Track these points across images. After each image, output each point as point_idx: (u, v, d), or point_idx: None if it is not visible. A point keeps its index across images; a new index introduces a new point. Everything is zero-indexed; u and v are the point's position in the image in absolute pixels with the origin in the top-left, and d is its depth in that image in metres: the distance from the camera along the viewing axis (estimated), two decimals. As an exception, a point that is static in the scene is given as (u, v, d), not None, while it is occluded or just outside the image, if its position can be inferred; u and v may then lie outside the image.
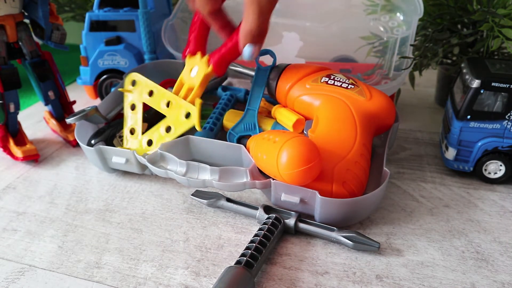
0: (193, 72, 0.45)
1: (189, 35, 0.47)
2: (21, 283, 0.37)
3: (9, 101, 0.54)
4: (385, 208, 0.45)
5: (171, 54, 0.66)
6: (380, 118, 0.46)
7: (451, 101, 0.51)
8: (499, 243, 0.40)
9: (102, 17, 0.66)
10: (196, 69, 0.44)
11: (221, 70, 0.45)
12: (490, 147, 0.47)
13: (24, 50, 0.55)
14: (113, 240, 0.41)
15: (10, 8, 0.51)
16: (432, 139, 0.60)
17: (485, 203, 0.46)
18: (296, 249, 0.40)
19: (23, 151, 0.54)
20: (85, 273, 0.37)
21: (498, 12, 0.53)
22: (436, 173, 0.51)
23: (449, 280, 0.36)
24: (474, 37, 0.58)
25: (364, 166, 0.42)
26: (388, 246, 0.40)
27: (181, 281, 0.36)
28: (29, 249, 0.41)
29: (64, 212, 0.46)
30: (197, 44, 0.46)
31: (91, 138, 0.52)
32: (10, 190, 0.50)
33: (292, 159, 0.37)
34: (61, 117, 0.61)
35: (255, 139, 0.44)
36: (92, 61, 0.67)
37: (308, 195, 0.40)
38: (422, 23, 0.63)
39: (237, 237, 0.41)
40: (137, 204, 0.46)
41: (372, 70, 0.61)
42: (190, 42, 0.46)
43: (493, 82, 0.44)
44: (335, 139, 0.42)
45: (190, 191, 0.48)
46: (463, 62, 0.51)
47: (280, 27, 0.65)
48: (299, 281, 0.36)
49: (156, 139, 0.49)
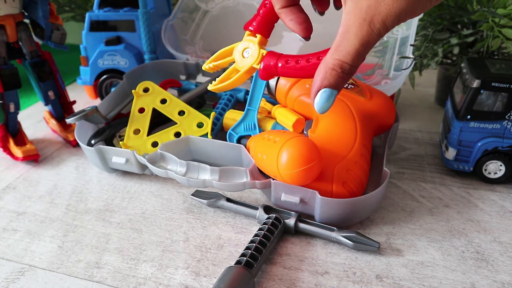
0: (246, 54, 0.39)
1: (260, 7, 0.39)
2: (21, 283, 0.37)
3: (9, 101, 0.54)
4: (385, 208, 0.45)
5: (171, 54, 0.66)
6: (380, 118, 0.46)
7: (451, 101, 0.51)
8: (499, 243, 0.40)
9: (102, 17, 0.66)
10: (248, 54, 0.39)
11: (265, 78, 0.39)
12: (490, 147, 0.47)
13: (24, 50, 0.55)
14: (113, 240, 0.41)
15: (10, 8, 0.51)
16: (432, 139, 0.60)
17: (485, 203, 0.46)
18: (296, 249, 0.40)
19: (23, 151, 0.54)
20: (85, 273, 0.37)
21: (498, 12, 0.53)
22: (436, 173, 0.51)
23: (449, 280, 0.36)
24: (474, 37, 0.58)
25: (364, 166, 0.42)
26: (388, 246, 0.40)
27: (181, 281, 0.36)
28: (29, 249, 0.41)
29: (64, 212, 0.46)
30: (262, 26, 0.39)
31: (91, 138, 0.52)
32: (10, 190, 0.50)
33: (293, 159, 0.37)
34: (61, 117, 0.61)
35: (255, 139, 0.44)
36: (92, 61, 0.67)
37: (308, 195, 0.40)
38: (422, 23, 0.63)
39: (237, 237, 0.41)
40: (137, 204, 0.46)
41: (372, 70, 0.61)
42: (256, 19, 0.39)
43: (493, 82, 0.44)
44: (335, 139, 0.42)
45: (190, 191, 0.48)
46: (463, 62, 0.51)
47: (280, 27, 0.65)
48: (299, 281, 0.36)
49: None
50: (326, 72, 0.31)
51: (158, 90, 0.53)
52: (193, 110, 0.52)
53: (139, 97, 0.53)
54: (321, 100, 0.32)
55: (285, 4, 0.35)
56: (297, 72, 0.36)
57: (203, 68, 0.42)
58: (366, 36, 0.29)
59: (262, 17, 0.38)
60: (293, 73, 0.36)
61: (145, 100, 0.52)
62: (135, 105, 0.52)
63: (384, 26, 0.29)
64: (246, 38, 0.39)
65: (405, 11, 0.29)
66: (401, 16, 0.29)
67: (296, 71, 0.36)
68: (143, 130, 0.50)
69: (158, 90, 0.53)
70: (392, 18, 0.29)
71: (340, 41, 0.30)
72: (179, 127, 0.50)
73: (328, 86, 0.31)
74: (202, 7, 0.73)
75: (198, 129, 0.50)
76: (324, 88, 0.31)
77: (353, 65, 0.31)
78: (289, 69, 0.36)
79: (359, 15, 0.29)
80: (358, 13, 0.29)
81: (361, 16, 0.29)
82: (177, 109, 0.52)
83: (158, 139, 0.50)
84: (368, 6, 0.29)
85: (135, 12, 0.66)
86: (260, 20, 0.38)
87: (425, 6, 0.29)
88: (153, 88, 0.53)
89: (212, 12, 0.73)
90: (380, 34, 0.30)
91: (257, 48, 0.38)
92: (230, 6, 0.72)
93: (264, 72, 0.37)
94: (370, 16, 0.29)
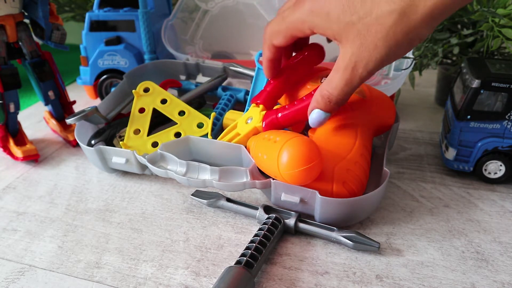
0: (248, 121, 0.46)
1: (267, 85, 0.46)
2: (21, 283, 0.37)
3: (9, 101, 0.54)
4: (385, 208, 0.45)
5: (171, 54, 0.66)
6: (380, 118, 0.46)
7: (451, 101, 0.51)
8: (499, 243, 0.40)
9: (102, 17, 0.66)
10: (251, 120, 0.45)
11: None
12: (490, 147, 0.47)
13: (24, 50, 0.55)
14: (113, 240, 0.41)
15: (10, 8, 0.51)
16: (432, 139, 0.60)
17: (485, 203, 0.46)
18: (296, 249, 0.40)
19: (23, 151, 0.54)
20: (85, 273, 0.37)
21: (498, 12, 0.53)
22: (436, 173, 0.51)
23: (449, 280, 0.36)
24: (474, 37, 0.58)
25: (364, 166, 0.42)
26: (388, 246, 0.40)
27: (181, 281, 0.36)
28: (29, 249, 0.41)
29: (64, 212, 0.46)
30: (267, 99, 0.45)
31: (91, 138, 0.52)
32: (10, 190, 0.50)
33: (293, 159, 0.37)
34: (61, 117, 0.61)
35: (255, 139, 0.44)
36: (92, 61, 0.67)
37: (308, 195, 0.40)
38: (422, 23, 0.63)
39: (237, 237, 0.41)
40: (137, 204, 0.46)
41: (372, 70, 0.61)
42: (263, 94, 0.45)
43: (493, 82, 0.44)
44: (335, 139, 0.42)
45: (190, 191, 0.48)
46: (463, 62, 0.51)
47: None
48: (299, 281, 0.36)
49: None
50: (318, 97, 0.38)
51: (158, 90, 0.53)
52: (193, 110, 0.52)
53: (139, 97, 0.53)
54: (313, 118, 0.39)
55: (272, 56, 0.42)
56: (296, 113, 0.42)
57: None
58: (350, 79, 0.35)
59: (268, 93, 0.45)
60: (292, 116, 0.42)
61: (145, 100, 0.52)
62: (135, 105, 0.52)
63: (366, 71, 0.34)
64: (250, 109, 0.46)
65: (387, 57, 0.33)
66: (383, 61, 0.33)
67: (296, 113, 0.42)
68: (143, 130, 0.50)
69: (159, 90, 0.53)
70: (373, 64, 0.33)
71: (332, 76, 0.36)
72: (179, 127, 0.50)
73: (319, 108, 0.38)
74: (202, 7, 0.73)
75: (198, 129, 0.50)
76: (316, 109, 0.38)
77: (339, 98, 0.36)
78: (289, 113, 0.42)
79: (345, 60, 0.34)
80: (345, 58, 0.34)
81: (346, 61, 0.34)
82: (177, 109, 0.52)
83: (158, 139, 0.50)
84: (352, 53, 0.33)
85: (135, 12, 0.66)
86: (265, 95, 0.45)
87: (406, 50, 0.33)
88: (153, 88, 0.53)
89: (212, 12, 0.73)
90: (362, 77, 0.34)
91: (259, 112, 0.45)
92: (230, 6, 0.72)
93: (267, 127, 0.43)
94: (353, 62, 0.34)
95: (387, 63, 0.34)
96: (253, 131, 0.45)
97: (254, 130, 0.45)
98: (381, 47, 0.32)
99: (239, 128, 0.46)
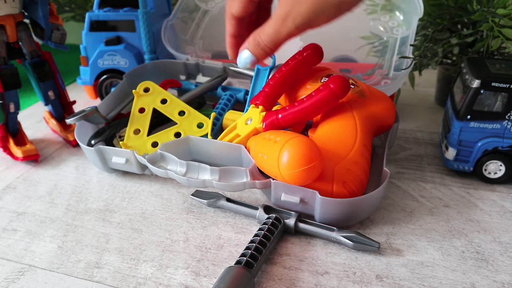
0: (248, 122, 0.46)
1: (266, 85, 0.46)
2: (21, 283, 0.37)
3: (9, 101, 0.54)
4: (385, 208, 0.45)
5: (171, 54, 0.66)
6: (380, 118, 0.46)
7: (451, 101, 0.51)
8: (499, 243, 0.40)
9: (102, 17, 0.66)
10: (250, 121, 0.45)
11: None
12: (490, 147, 0.47)
13: (24, 50, 0.55)
14: (113, 240, 0.41)
15: (10, 8, 0.51)
16: (432, 139, 0.60)
17: (485, 203, 0.46)
18: (296, 249, 0.40)
19: (23, 151, 0.54)
20: (85, 273, 0.37)
21: (498, 12, 0.53)
22: (436, 173, 0.51)
23: (449, 280, 0.36)
24: (474, 37, 0.58)
25: (364, 166, 0.42)
26: (388, 246, 0.40)
27: (181, 281, 0.36)
28: (29, 249, 0.41)
29: (64, 212, 0.46)
30: (266, 100, 0.45)
31: (91, 138, 0.52)
32: (10, 190, 0.50)
33: (293, 159, 0.37)
34: (61, 117, 0.61)
35: (255, 139, 0.44)
36: (92, 61, 0.67)
37: (308, 195, 0.40)
38: (422, 23, 0.63)
39: (237, 237, 0.41)
40: (137, 204, 0.46)
41: (372, 70, 0.61)
42: (262, 95, 0.46)
43: (493, 82, 0.44)
44: (335, 139, 0.42)
45: (190, 191, 0.48)
46: (463, 62, 0.51)
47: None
48: (299, 281, 0.36)
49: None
50: (251, 39, 0.40)
51: (158, 90, 0.53)
52: (193, 110, 0.52)
53: (140, 97, 0.53)
54: (241, 58, 0.41)
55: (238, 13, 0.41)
56: (297, 115, 0.42)
57: None
58: (278, 29, 0.37)
59: (267, 94, 0.46)
60: (293, 117, 0.42)
61: (145, 100, 0.52)
62: (135, 105, 0.52)
63: (293, 24, 0.36)
64: (250, 110, 0.46)
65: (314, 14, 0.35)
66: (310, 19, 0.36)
67: (296, 114, 0.42)
68: (143, 130, 0.50)
69: (159, 90, 0.53)
70: (301, 19, 0.36)
71: (267, 23, 0.38)
72: (179, 127, 0.50)
73: (249, 49, 0.40)
74: (202, 7, 0.73)
75: (198, 129, 0.50)
76: (245, 49, 0.41)
77: (266, 44, 0.39)
78: (290, 115, 0.42)
79: (279, 10, 0.37)
80: (280, 9, 0.37)
81: (279, 11, 0.37)
82: (177, 109, 0.52)
83: (158, 139, 0.50)
84: (285, 4, 0.36)
85: (135, 12, 0.66)
86: (265, 96, 0.45)
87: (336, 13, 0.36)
88: (153, 88, 0.53)
89: (212, 12, 0.73)
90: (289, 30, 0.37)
91: (259, 113, 0.45)
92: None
93: (267, 128, 0.43)
94: (284, 13, 0.36)
95: (314, 22, 0.36)
96: (253, 132, 0.45)
97: (254, 131, 0.45)
98: (310, 3, 0.35)
99: (239, 129, 0.46)
